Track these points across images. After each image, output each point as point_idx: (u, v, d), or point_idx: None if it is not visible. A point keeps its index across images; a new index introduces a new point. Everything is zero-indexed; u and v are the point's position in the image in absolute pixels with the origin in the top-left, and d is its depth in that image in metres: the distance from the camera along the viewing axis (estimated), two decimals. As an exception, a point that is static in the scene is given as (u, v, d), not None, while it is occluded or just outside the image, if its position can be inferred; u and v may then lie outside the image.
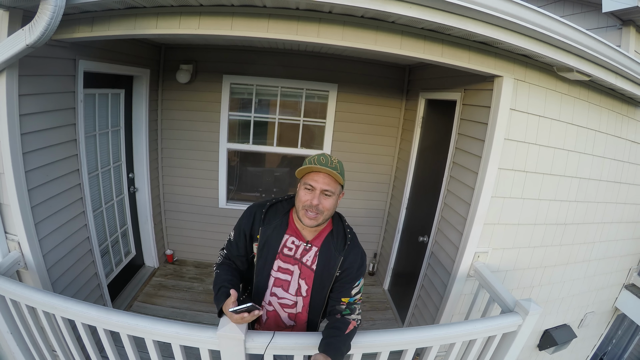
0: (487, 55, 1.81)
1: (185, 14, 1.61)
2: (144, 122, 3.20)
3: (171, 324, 1.40)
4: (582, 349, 3.36)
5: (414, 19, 1.46)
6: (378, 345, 1.46)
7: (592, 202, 2.44)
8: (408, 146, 3.41)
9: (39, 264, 1.84)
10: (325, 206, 1.27)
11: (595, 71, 1.78)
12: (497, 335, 1.69)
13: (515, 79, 1.90)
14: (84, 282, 2.32)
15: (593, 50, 1.64)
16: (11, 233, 1.77)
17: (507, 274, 2.32)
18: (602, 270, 2.84)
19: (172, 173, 3.70)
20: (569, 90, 2.06)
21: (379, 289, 3.81)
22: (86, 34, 1.72)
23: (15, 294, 1.52)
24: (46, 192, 1.92)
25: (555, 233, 2.38)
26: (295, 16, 1.61)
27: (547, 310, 2.66)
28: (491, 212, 2.09)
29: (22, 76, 1.65)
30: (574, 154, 2.21)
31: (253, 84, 3.50)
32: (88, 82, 2.29)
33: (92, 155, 2.64)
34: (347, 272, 1.36)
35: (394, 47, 1.69)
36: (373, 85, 3.54)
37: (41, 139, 1.85)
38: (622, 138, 2.41)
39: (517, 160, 2.05)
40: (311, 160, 1.27)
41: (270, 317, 1.46)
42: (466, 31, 1.50)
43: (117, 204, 3.11)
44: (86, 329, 1.53)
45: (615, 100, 2.28)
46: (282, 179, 3.95)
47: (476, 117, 2.18)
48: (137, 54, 2.94)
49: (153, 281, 3.52)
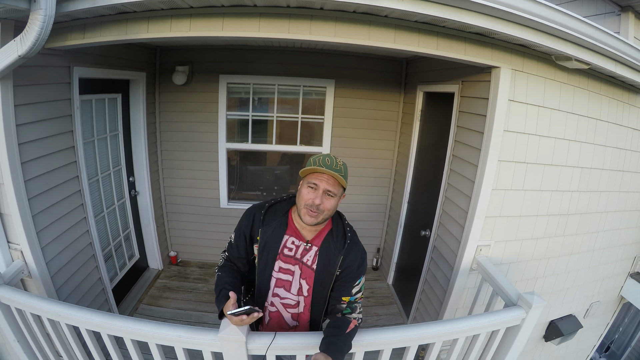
0: (483, 46, 1.78)
1: (175, 17, 1.60)
2: (142, 126, 3.20)
3: (173, 327, 1.41)
4: (589, 339, 3.35)
5: (406, 12, 1.44)
6: (380, 343, 1.46)
7: (594, 191, 2.42)
8: (408, 140, 3.39)
9: (43, 272, 1.86)
10: (327, 206, 1.27)
11: (594, 59, 1.74)
12: (501, 329, 1.68)
13: (513, 69, 1.87)
14: (88, 287, 2.34)
15: (591, 38, 1.61)
16: (14, 242, 1.79)
17: (511, 266, 2.31)
18: (606, 259, 2.82)
19: (173, 175, 3.70)
20: (569, 79, 2.03)
21: (383, 284, 3.82)
22: (78, 41, 1.71)
23: (20, 303, 1.54)
24: (46, 200, 1.93)
25: (558, 224, 2.36)
26: (286, 14, 1.59)
27: (552, 301, 2.65)
28: (492, 205, 2.08)
29: (17, 86, 1.65)
30: (575, 143, 2.18)
31: (250, 82, 3.48)
32: (84, 88, 2.29)
33: (92, 160, 2.65)
34: (348, 271, 1.36)
35: (387, 42, 1.67)
36: (370, 80, 3.50)
37: (39, 147, 1.86)
38: (623, 126, 2.37)
39: (517, 152, 2.03)
40: (316, 160, 1.26)
41: (273, 318, 1.46)
42: (461, 23, 1.48)
43: (119, 208, 3.13)
44: (91, 335, 1.54)
45: (615, 87, 2.24)
46: (283, 177, 3.94)
47: (474, 109, 2.16)
48: (132, 58, 2.93)
49: (158, 283, 3.55)
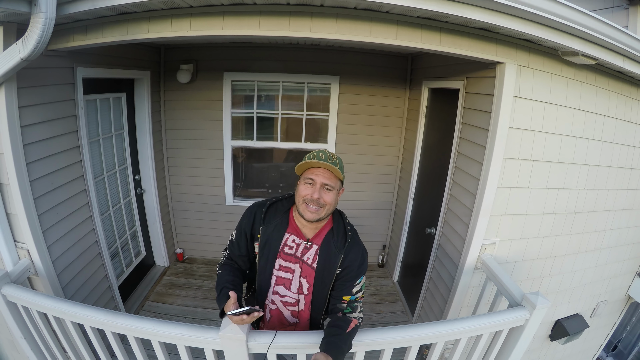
0: (487, 41, 1.75)
1: (176, 16, 1.60)
2: (148, 124, 3.22)
3: (176, 325, 1.42)
4: (595, 338, 3.30)
5: (407, 8, 1.42)
6: (381, 343, 1.46)
7: (602, 189, 2.36)
8: (413, 136, 3.36)
9: (49, 270, 1.89)
10: (326, 200, 1.27)
11: (601, 54, 1.70)
12: (504, 330, 1.66)
13: (518, 65, 1.83)
14: (95, 285, 2.37)
15: (599, 32, 1.56)
16: (20, 241, 1.81)
17: (516, 265, 2.28)
18: (614, 258, 2.77)
19: (179, 173, 3.73)
20: (576, 74, 1.98)
21: (388, 281, 3.81)
22: (81, 43, 1.72)
23: (26, 301, 1.57)
24: (52, 199, 1.95)
25: (565, 222, 2.32)
26: (286, 12, 1.58)
27: (558, 300, 2.61)
28: (497, 203, 2.05)
29: (21, 88, 1.67)
30: (582, 140, 2.13)
31: (254, 80, 3.48)
32: (88, 88, 2.31)
33: (97, 159, 2.68)
34: (348, 270, 1.36)
35: (389, 38, 1.65)
36: (375, 76, 3.47)
37: (44, 148, 1.88)
38: (632, 122, 2.31)
39: (523, 149, 1.99)
40: (311, 156, 1.28)
41: (274, 316, 1.47)
42: (463, 18, 1.45)
43: (125, 206, 3.16)
44: (95, 332, 1.56)
45: (624, 83, 2.18)
46: (288, 174, 3.95)
47: (479, 105, 2.13)
48: (137, 57, 2.94)
49: (164, 280, 3.59)
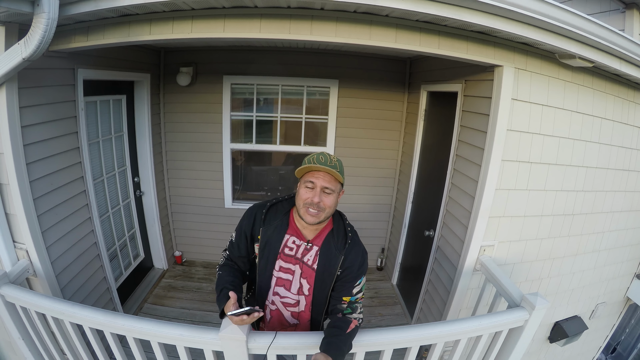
0: (485, 45, 1.77)
1: (177, 18, 1.61)
2: (147, 126, 3.23)
3: (175, 326, 1.42)
4: (594, 340, 3.31)
5: (407, 12, 1.43)
6: (381, 344, 1.46)
7: (600, 191, 2.38)
8: (412, 140, 3.38)
9: (48, 271, 1.88)
10: (326, 203, 1.27)
11: (598, 57, 1.72)
12: (504, 330, 1.66)
13: (516, 67, 1.86)
14: (93, 286, 2.36)
15: (595, 35, 1.59)
16: (19, 242, 1.81)
17: (515, 266, 2.29)
18: (612, 260, 2.78)
19: (178, 175, 3.73)
20: (573, 77, 2.00)
21: (387, 284, 3.81)
22: (82, 44, 1.73)
23: (24, 301, 1.56)
24: (51, 200, 1.95)
25: (563, 224, 2.33)
26: (287, 15, 1.59)
27: (557, 302, 2.62)
28: (496, 205, 2.06)
29: (22, 88, 1.68)
30: (580, 142, 2.15)
31: (253, 83, 3.50)
32: (88, 89, 2.31)
33: (97, 161, 2.68)
34: (348, 271, 1.36)
35: (389, 41, 1.67)
36: (374, 79, 3.50)
37: (44, 149, 1.88)
38: (629, 124, 2.33)
39: (521, 152, 2.01)
40: (310, 159, 1.28)
41: (274, 316, 1.47)
42: (462, 21, 1.47)
43: (124, 208, 3.16)
44: (94, 333, 1.56)
45: (621, 86, 2.21)
46: (287, 177, 3.95)
47: (478, 108, 2.14)
48: (137, 59, 2.95)
49: (162, 283, 3.57)
